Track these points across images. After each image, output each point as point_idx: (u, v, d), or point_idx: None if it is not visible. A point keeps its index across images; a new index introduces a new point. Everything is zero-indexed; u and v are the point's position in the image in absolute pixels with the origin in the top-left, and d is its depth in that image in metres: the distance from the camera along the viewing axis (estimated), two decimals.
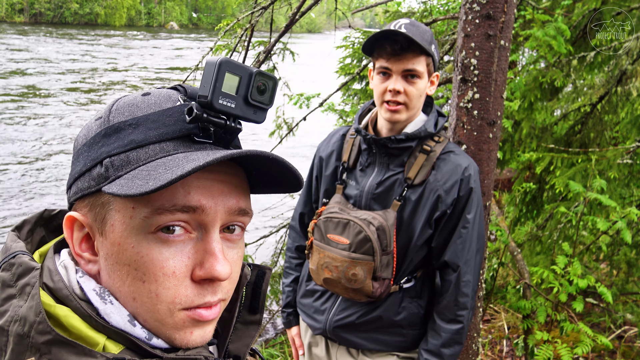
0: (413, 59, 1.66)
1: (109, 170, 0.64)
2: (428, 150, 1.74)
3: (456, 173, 1.72)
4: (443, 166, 1.73)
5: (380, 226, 1.69)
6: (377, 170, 1.79)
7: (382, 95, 1.72)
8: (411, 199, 1.73)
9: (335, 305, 1.87)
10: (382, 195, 1.77)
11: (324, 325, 1.88)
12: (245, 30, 3.29)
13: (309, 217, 2.07)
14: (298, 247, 2.12)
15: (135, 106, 0.68)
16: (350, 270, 1.69)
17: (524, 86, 3.67)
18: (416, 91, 1.70)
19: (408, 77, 1.69)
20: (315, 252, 1.80)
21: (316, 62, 13.37)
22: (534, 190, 4.23)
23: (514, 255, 3.02)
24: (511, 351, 3.79)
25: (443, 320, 1.77)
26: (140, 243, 0.63)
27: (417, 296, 1.83)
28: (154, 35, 33.80)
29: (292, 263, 2.13)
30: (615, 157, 3.48)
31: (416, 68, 1.67)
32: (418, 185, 1.73)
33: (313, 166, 2.01)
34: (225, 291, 0.68)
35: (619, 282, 4.10)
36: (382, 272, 1.71)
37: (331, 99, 4.33)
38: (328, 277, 1.76)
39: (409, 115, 1.73)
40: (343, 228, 1.73)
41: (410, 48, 1.64)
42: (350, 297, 1.78)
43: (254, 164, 0.69)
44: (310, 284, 1.98)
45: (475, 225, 1.75)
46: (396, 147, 1.74)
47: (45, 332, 0.59)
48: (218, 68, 0.65)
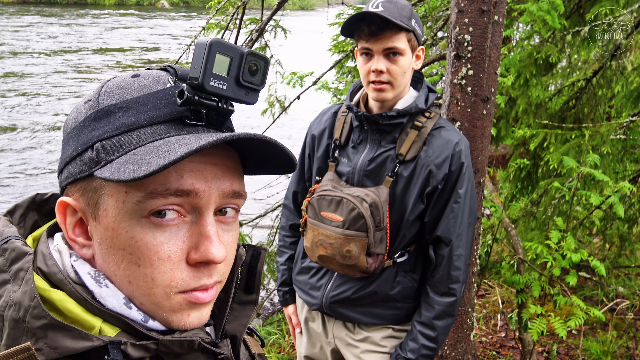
0: (392, 37, 1.65)
1: (100, 154, 0.64)
2: (419, 126, 1.75)
3: (447, 148, 1.73)
4: (434, 142, 1.74)
5: (373, 203, 1.71)
6: (369, 147, 1.80)
7: (367, 76, 1.73)
8: (403, 174, 1.75)
9: (331, 281, 1.90)
10: (374, 172, 1.78)
11: (320, 300, 1.91)
12: (237, 9, 3.25)
13: (302, 195, 2.08)
14: (292, 226, 2.13)
15: (125, 88, 0.67)
16: (344, 247, 1.72)
17: (518, 62, 3.65)
18: (399, 69, 1.69)
19: (390, 56, 1.68)
20: (310, 229, 1.82)
21: (309, 40, 13.24)
22: (529, 167, 4.25)
23: (508, 231, 3.05)
24: (505, 325, 3.85)
25: (436, 293, 1.80)
26: (134, 227, 0.63)
27: (411, 270, 1.86)
28: (144, 14, 33.30)
29: (287, 242, 2.14)
30: (608, 132, 3.48)
31: (396, 45, 1.66)
32: (410, 161, 1.75)
33: (305, 144, 2.02)
34: (220, 273, 0.69)
35: (611, 255, 4.16)
36: (376, 247, 1.73)
37: (325, 77, 4.30)
38: (323, 254, 1.78)
39: (396, 93, 1.74)
40: (336, 205, 1.74)
41: (387, 27, 1.64)
42: (346, 273, 1.81)
43: (247, 146, 0.68)
44: (305, 261, 2.00)
45: (467, 200, 1.77)
46: (387, 124, 1.75)
47: (40, 317, 0.60)
48: (208, 49, 0.64)
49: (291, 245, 2.13)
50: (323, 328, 2.02)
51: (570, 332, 3.70)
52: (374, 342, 1.90)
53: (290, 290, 2.14)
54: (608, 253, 4.18)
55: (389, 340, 1.91)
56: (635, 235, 4.15)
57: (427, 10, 4.54)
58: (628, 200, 3.76)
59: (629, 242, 3.92)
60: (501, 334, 3.77)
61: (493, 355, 3.50)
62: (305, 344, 2.11)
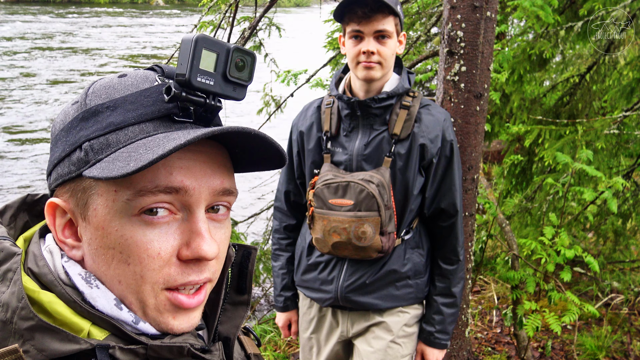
0: (383, 20, 1.74)
1: (88, 154, 0.63)
2: (408, 106, 1.84)
3: (438, 124, 1.83)
4: (424, 118, 1.84)
5: (380, 182, 1.77)
6: (361, 132, 1.86)
7: (357, 57, 1.78)
8: (401, 152, 1.81)
9: (343, 271, 1.91)
10: (371, 155, 1.83)
11: (335, 293, 1.91)
12: (230, 7, 3.24)
13: (295, 193, 2.07)
14: (286, 227, 2.11)
15: (112, 88, 0.67)
16: (359, 228, 1.76)
17: (512, 58, 3.66)
18: (388, 50, 1.78)
19: (379, 38, 1.76)
20: (319, 220, 1.83)
21: (304, 37, 13.21)
22: (524, 163, 4.25)
23: (503, 227, 3.05)
24: (500, 321, 3.86)
25: (448, 263, 1.92)
26: (124, 226, 0.62)
27: (417, 246, 1.93)
28: (139, 13, 33.17)
29: (282, 244, 2.11)
30: (602, 127, 3.49)
31: (386, 28, 1.75)
32: (405, 139, 1.82)
33: (292, 142, 2.04)
34: (212, 271, 0.68)
35: (606, 251, 4.17)
36: (387, 226, 1.79)
37: (319, 75, 4.29)
38: (337, 240, 1.80)
39: (383, 73, 1.81)
40: (344, 191, 1.79)
41: (379, 9, 1.72)
42: (361, 256, 1.83)
43: (236, 142, 0.68)
44: (311, 258, 1.98)
45: (459, 172, 1.90)
46: (379, 107, 1.81)
47: (28, 318, 0.59)
48: (194, 45, 0.63)
49: (287, 247, 2.10)
50: (335, 324, 2.01)
51: (565, 328, 3.71)
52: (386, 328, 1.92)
53: (292, 295, 2.10)
54: (603, 248, 4.20)
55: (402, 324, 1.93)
56: (629, 230, 4.17)
57: (421, 6, 4.54)
58: (622, 196, 3.78)
59: (623, 237, 3.94)
60: (496, 330, 3.78)
61: (488, 351, 3.51)
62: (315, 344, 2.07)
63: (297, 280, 2.05)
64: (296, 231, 2.12)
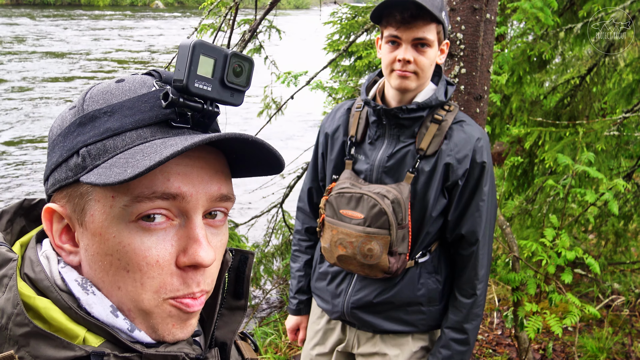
0: (423, 27, 1.59)
1: (85, 159, 0.63)
2: (440, 120, 1.69)
3: (469, 143, 1.68)
4: (455, 135, 1.69)
5: (395, 199, 1.65)
6: (387, 142, 1.74)
7: (392, 65, 1.66)
8: (424, 170, 1.68)
9: (352, 285, 1.81)
10: (394, 168, 1.71)
11: (342, 308, 1.82)
12: (230, 9, 3.24)
13: (317, 192, 1.98)
14: (308, 229, 2.02)
15: (109, 93, 0.67)
16: (365, 245, 1.65)
17: (512, 60, 3.66)
18: (427, 60, 1.64)
19: (418, 46, 1.62)
20: (328, 229, 1.74)
21: (304, 39, 13.22)
22: (525, 164, 4.25)
23: (503, 229, 3.05)
24: (501, 323, 3.86)
25: (463, 295, 1.75)
26: (122, 232, 0.62)
27: (435, 271, 1.78)
28: (139, 15, 33.21)
29: (302, 245, 2.03)
30: (602, 129, 3.49)
31: (427, 36, 1.61)
32: (431, 155, 1.68)
33: (318, 143, 1.94)
34: (208, 282, 0.68)
35: (607, 252, 4.16)
36: (398, 246, 1.67)
37: (320, 76, 4.29)
38: (342, 253, 1.70)
39: (419, 84, 1.68)
40: (356, 203, 1.67)
41: (420, 15, 1.58)
42: (366, 274, 1.72)
43: (233, 148, 0.68)
44: (322, 266, 1.90)
45: (491, 198, 1.73)
46: (407, 118, 1.68)
47: (23, 324, 0.59)
48: (192, 51, 0.63)
49: (307, 250, 2.02)
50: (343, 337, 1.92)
51: (566, 329, 3.70)
52: None
53: (307, 299, 2.02)
54: (603, 250, 4.19)
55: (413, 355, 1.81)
56: (631, 232, 4.16)
57: None
58: (623, 197, 3.77)
59: (624, 238, 3.93)
60: (497, 332, 3.78)
61: (489, 353, 3.51)
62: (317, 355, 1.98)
63: (312, 286, 1.97)
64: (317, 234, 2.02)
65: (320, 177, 1.95)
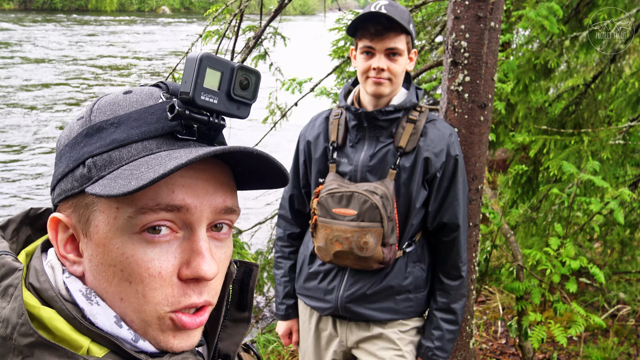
0: (394, 38, 1.78)
1: (91, 170, 0.63)
2: (414, 120, 1.88)
3: (443, 139, 1.86)
4: (430, 133, 1.87)
5: (384, 194, 1.80)
6: (367, 144, 1.89)
7: (367, 72, 1.83)
8: (405, 165, 1.85)
9: (344, 281, 1.92)
10: (376, 167, 1.86)
11: (335, 303, 1.92)
12: (235, 16, 3.25)
13: (298, 200, 2.10)
14: (290, 235, 2.13)
15: (117, 105, 0.67)
16: (361, 239, 1.78)
17: (517, 68, 3.65)
18: (399, 67, 1.82)
19: (390, 55, 1.80)
20: (321, 229, 1.86)
21: (309, 45, 13.27)
22: (529, 172, 4.24)
23: (507, 237, 3.04)
24: (506, 332, 3.83)
25: (450, 278, 1.92)
26: (125, 244, 0.62)
27: (419, 260, 1.94)
28: (145, 20, 33.42)
29: (285, 252, 2.14)
30: (608, 137, 3.48)
31: (397, 46, 1.79)
32: (410, 152, 1.85)
33: (298, 151, 2.07)
34: (212, 294, 0.68)
35: (612, 261, 4.14)
36: (389, 238, 1.81)
37: (325, 83, 4.30)
38: (339, 250, 1.82)
39: (392, 89, 1.85)
40: (348, 200, 1.81)
41: (391, 28, 1.76)
42: (362, 266, 1.85)
43: (238, 161, 0.68)
44: (313, 266, 2.00)
45: (464, 187, 1.92)
46: (386, 119, 1.85)
47: (27, 334, 0.59)
48: (199, 64, 0.64)
49: (290, 255, 2.13)
50: (334, 333, 2.02)
51: (570, 339, 3.68)
52: (388, 339, 1.94)
53: (294, 303, 2.12)
54: (609, 259, 4.16)
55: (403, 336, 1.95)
56: (636, 241, 4.14)
57: (425, 16, 4.55)
58: (629, 206, 3.75)
59: (629, 247, 3.91)
60: (501, 341, 3.76)
61: None
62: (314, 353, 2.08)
63: (298, 288, 2.07)
64: (299, 239, 2.14)
65: (302, 184, 2.08)
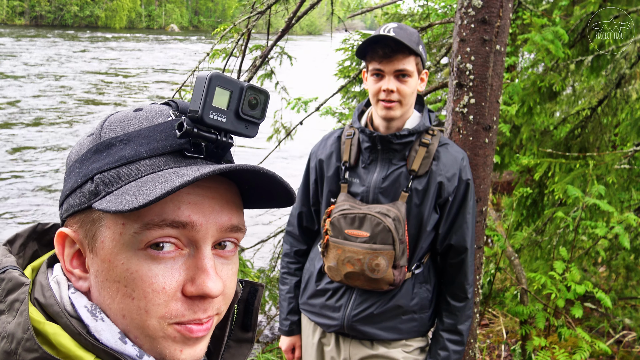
0: (403, 60, 1.79)
1: (99, 186, 0.64)
2: (427, 144, 1.89)
3: (455, 163, 1.88)
4: (442, 157, 1.89)
5: (396, 217, 1.81)
6: (380, 165, 1.90)
7: (377, 95, 1.84)
8: (418, 189, 1.86)
9: (352, 300, 1.93)
10: (388, 189, 1.88)
11: (341, 321, 1.93)
12: (242, 35, 3.30)
13: (307, 218, 2.11)
14: (297, 252, 2.14)
15: (126, 122, 0.68)
16: (373, 260, 1.80)
17: (522, 91, 3.67)
18: (408, 89, 1.83)
19: (400, 77, 1.82)
20: (333, 249, 1.87)
21: (315, 65, 13.38)
22: (534, 195, 4.23)
23: (511, 260, 3.02)
24: (509, 356, 3.78)
25: (456, 300, 1.93)
26: (130, 260, 0.62)
27: (425, 281, 1.95)
28: (154, 38, 33.85)
29: (291, 268, 2.14)
30: (613, 161, 3.47)
31: (406, 68, 1.80)
32: (422, 175, 1.87)
33: (309, 170, 2.08)
34: (216, 308, 0.68)
35: (617, 286, 4.09)
36: (400, 260, 1.83)
37: (330, 102, 4.33)
38: (350, 270, 1.83)
39: (403, 111, 1.86)
40: (360, 222, 1.82)
41: (399, 50, 1.78)
42: (372, 287, 1.86)
43: (245, 179, 0.68)
44: (321, 284, 2.00)
45: (473, 211, 1.94)
46: (399, 143, 1.87)
47: (32, 350, 0.59)
48: (208, 83, 0.65)
49: (296, 272, 2.14)
50: (337, 350, 2.02)
51: None
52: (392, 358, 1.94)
53: (298, 319, 2.13)
54: (614, 284, 4.12)
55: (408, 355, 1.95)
56: None
57: (431, 38, 4.59)
58: (634, 231, 3.72)
59: (635, 272, 3.87)
60: None
61: None
62: None
63: (302, 304, 2.08)
64: (306, 256, 2.15)
65: (312, 202, 2.08)
